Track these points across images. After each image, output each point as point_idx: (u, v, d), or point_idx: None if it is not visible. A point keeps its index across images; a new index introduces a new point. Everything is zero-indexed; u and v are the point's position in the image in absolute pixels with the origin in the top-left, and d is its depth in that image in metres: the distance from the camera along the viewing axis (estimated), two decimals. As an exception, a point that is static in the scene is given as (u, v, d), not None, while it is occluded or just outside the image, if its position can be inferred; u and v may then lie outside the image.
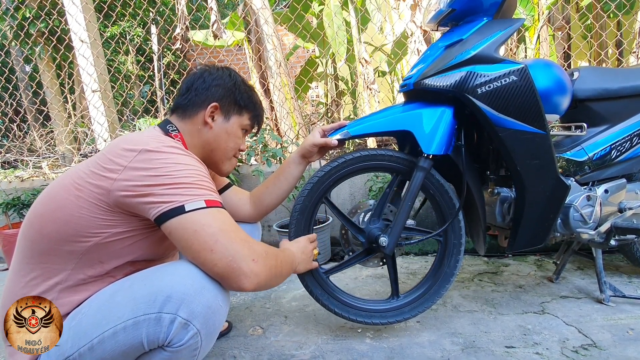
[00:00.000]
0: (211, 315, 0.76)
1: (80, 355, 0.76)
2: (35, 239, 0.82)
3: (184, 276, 0.76)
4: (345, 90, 4.52)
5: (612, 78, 1.38)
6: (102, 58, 2.83)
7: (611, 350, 1.14)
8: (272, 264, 0.84)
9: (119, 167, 0.78)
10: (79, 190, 0.80)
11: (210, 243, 0.75)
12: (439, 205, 1.28)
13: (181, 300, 0.73)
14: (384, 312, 1.29)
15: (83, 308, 0.81)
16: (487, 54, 1.12)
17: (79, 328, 0.77)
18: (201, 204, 0.77)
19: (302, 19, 3.41)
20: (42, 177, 2.86)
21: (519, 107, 1.12)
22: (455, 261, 1.28)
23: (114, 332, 0.73)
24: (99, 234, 0.80)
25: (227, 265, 0.76)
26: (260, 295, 1.68)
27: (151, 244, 0.89)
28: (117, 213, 0.80)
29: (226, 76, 1.02)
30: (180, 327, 0.72)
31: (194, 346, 0.75)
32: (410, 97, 1.26)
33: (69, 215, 0.79)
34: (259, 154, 2.37)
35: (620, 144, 1.35)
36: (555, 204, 1.25)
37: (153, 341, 0.73)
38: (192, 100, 0.99)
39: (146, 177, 0.77)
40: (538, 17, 3.09)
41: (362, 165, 1.23)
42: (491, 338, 1.24)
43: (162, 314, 0.72)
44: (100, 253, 0.82)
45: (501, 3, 1.15)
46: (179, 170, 0.79)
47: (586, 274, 1.68)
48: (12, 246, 2.31)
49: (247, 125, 1.07)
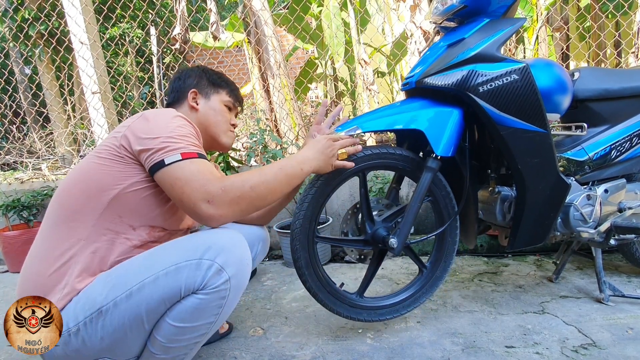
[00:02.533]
0: (241, 268, 0.87)
1: (116, 304, 0.82)
2: (63, 202, 0.92)
3: (223, 234, 0.89)
4: (345, 91, 4.52)
5: (613, 79, 1.38)
6: (102, 60, 2.84)
7: (610, 349, 1.14)
8: (235, 194, 0.89)
9: (124, 127, 0.94)
10: (99, 153, 0.93)
11: (180, 193, 0.87)
12: (439, 205, 1.29)
13: (220, 249, 0.85)
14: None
15: (119, 267, 0.89)
16: (489, 53, 1.12)
17: (117, 280, 0.85)
18: (177, 156, 0.87)
19: (301, 20, 3.41)
20: (41, 179, 2.85)
21: (520, 105, 1.13)
22: (450, 260, 1.33)
23: (156, 278, 0.82)
24: (118, 185, 0.91)
25: (193, 211, 0.88)
26: (261, 296, 1.69)
27: (161, 205, 0.97)
28: (130, 163, 0.92)
29: (195, 68, 1.19)
30: (216, 273, 0.83)
31: (223, 293, 0.84)
32: (412, 95, 1.26)
33: (93, 173, 0.92)
34: (259, 154, 2.37)
35: (620, 144, 1.36)
36: (555, 203, 1.25)
37: (190, 285, 0.82)
38: (176, 96, 1.16)
39: (141, 129, 0.91)
40: (537, 17, 3.10)
41: (376, 162, 1.20)
42: (491, 338, 1.24)
43: (202, 260, 0.83)
44: (120, 207, 0.92)
45: (511, 4, 1.16)
46: (167, 126, 0.91)
47: (586, 273, 1.68)
48: (12, 248, 2.31)
49: (228, 101, 1.18)
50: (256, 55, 2.97)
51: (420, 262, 1.35)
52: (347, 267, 1.96)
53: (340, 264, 2.02)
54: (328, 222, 2.02)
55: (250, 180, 0.92)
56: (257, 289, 1.77)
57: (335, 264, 2.02)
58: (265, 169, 0.97)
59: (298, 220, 1.17)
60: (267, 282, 1.86)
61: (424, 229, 2.16)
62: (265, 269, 2.04)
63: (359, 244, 1.26)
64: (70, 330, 0.82)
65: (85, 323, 0.81)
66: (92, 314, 0.81)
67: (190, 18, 3.01)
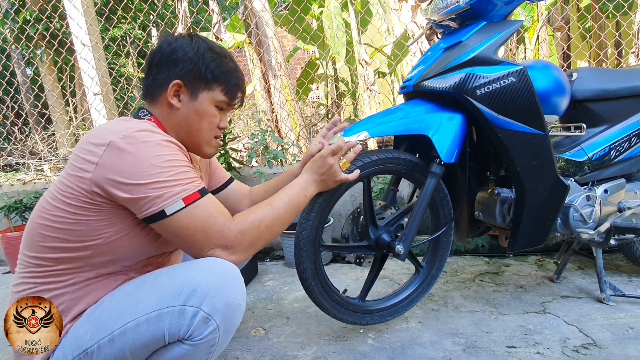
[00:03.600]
0: (230, 313, 0.77)
1: (100, 347, 0.76)
2: (38, 250, 0.82)
3: (208, 272, 0.78)
4: (346, 91, 4.53)
5: (611, 78, 1.39)
6: (104, 61, 2.84)
7: (611, 349, 1.15)
8: (253, 235, 0.85)
9: (91, 164, 0.75)
10: (65, 197, 0.78)
11: (190, 242, 0.80)
12: (437, 208, 1.30)
13: (205, 294, 0.74)
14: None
15: (104, 302, 0.81)
16: (486, 56, 1.12)
17: (99, 320, 0.78)
18: (179, 204, 0.77)
19: (302, 21, 3.42)
20: (43, 180, 2.87)
21: (518, 108, 1.13)
22: (444, 260, 1.37)
23: (137, 324, 0.74)
24: (100, 235, 0.79)
25: (204, 256, 0.81)
26: (262, 297, 1.69)
27: (157, 238, 0.87)
28: (110, 209, 0.78)
29: (186, 45, 0.88)
30: (202, 321, 0.74)
31: (212, 342, 0.76)
32: (410, 99, 1.26)
33: (66, 224, 0.78)
34: (260, 155, 2.38)
35: (619, 144, 1.36)
36: (555, 204, 1.26)
37: (174, 334, 0.74)
38: (154, 79, 0.89)
39: (120, 169, 0.75)
40: (537, 17, 3.10)
41: (382, 167, 1.19)
42: (492, 338, 1.25)
43: (186, 306, 0.73)
44: (109, 253, 0.82)
45: (512, 10, 1.17)
46: (151, 162, 0.75)
47: (587, 273, 1.68)
48: (14, 249, 2.32)
49: (222, 101, 0.92)
50: (257, 56, 2.98)
51: (417, 261, 1.37)
52: (348, 268, 1.97)
53: (341, 264, 2.03)
54: (329, 223, 2.03)
55: (265, 219, 0.88)
56: (258, 289, 1.78)
57: (337, 265, 2.03)
58: (275, 203, 0.92)
59: (305, 231, 1.14)
60: (268, 282, 1.86)
61: (424, 230, 2.16)
62: (267, 269, 2.05)
63: (362, 250, 1.27)
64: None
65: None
66: (79, 355, 0.77)
67: (192, 19, 3.02)
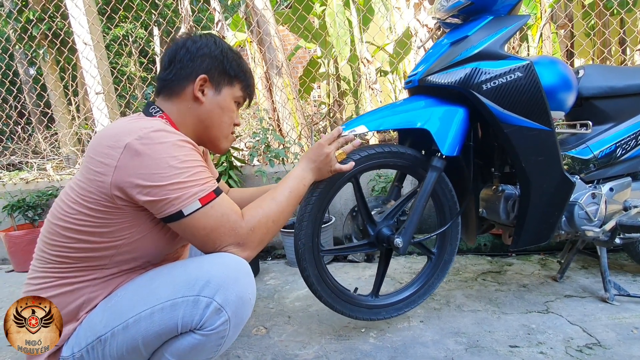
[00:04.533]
0: (241, 306, 0.80)
1: (113, 334, 0.78)
2: (61, 254, 0.83)
3: (222, 266, 0.81)
4: (347, 90, 4.52)
5: (618, 76, 1.37)
6: (105, 60, 2.85)
7: (615, 349, 1.14)
8: (262, 231, 0.88)
9: (109, 167, 0.77)
10: (85, 201, 0.79)
11: (204, 240, 0.83)
12: (441, 203, 1.29)
13: (219, 286, 0.77)
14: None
15: (119, 292, 0.84)
16: (493, 51, 1.11)
17: (114, 309, 0.81)
18: (196, 204, 0.79)
19: (303, 19, 3.41)
20: (46, 179, 2.87)
21: (524, 103, 1.12)
22: (455, 243, 1.35)
23: (151, 313, 0.77)
24: (123, 236, 0.83)
25: (218, 252, 0.84)
26: (264, 296, 1.69)
27: (172, 238, 0.91)
28: (130, 211, 0.81)
29: (211, 44, 0.94)
30: (214, 312, 0.76)
31: (222, 333, 0.78)
32: (416, 94, 1.26)
33: (88, 228, 0.80)
34: (261, 154, 2.38)
35: (626, 142, 1.34)
36: (560, 201, 1.24)
37: (187, 323, 0.76)
38: (177, 74, 0.91)
39: (138, 172, 0.76)
40: (541, 15, 3.07)
41: (379, 161, 1.19)
42: (495, 337, 1.24)
43: (200, 297, 0.76)
44: (132, 251, 0.85)
45: (516, 3, 1.15)
46: (169, 163, 0.77)
47: (590, 272, 1.67)
48: (17, 248, 2.33)
49: (240, 96, 0.99)
50: (259, 54, 2.97)
51: (427, 250, 1.37)
52: (350, 267, 1.96)
53: (343, 263, 2.02)
54: (331, 222, 2.02)
55: (271, 214, 0.90)
56: (260, 288, 1.77)
57: (339, 264, 2.02)
58: (278, 197, 0.93)
59: (300, 241, 1.16)
60: (270, 281, 1.86)
61: (428, 229, 2.15)
62: (268, 268, 2.05)
63: (364, 248, 1.26)
64: (74, 355, 0.81)
65: (87, 350, 0.80)
66: (93, 342, 0.80)
67: (193, 18, 3.02)
